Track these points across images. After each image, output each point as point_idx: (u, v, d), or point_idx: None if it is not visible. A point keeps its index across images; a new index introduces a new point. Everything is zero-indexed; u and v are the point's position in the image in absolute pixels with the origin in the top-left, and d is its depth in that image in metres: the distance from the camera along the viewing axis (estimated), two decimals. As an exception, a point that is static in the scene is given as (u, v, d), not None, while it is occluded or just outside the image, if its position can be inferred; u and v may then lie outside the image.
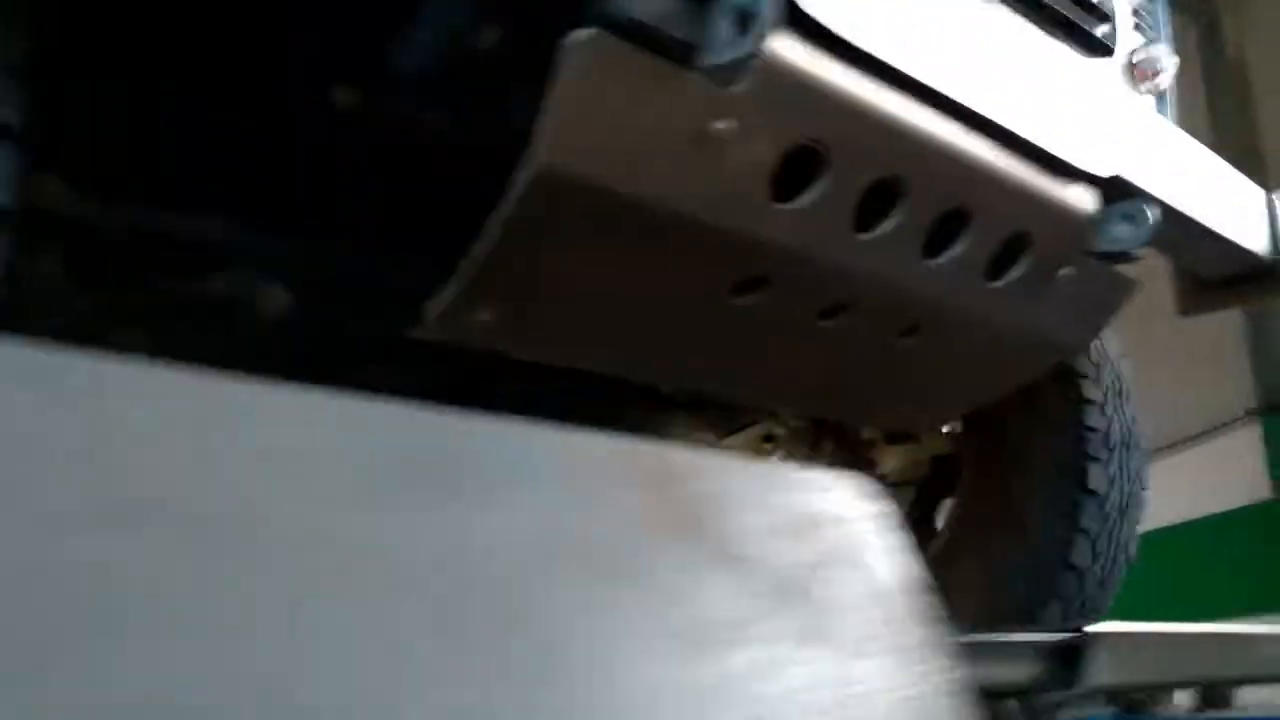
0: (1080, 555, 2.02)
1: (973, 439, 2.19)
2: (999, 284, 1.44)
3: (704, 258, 1.17)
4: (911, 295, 1.35)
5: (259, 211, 1.27)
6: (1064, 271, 1.50)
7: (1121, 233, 1.51)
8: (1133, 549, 2.15)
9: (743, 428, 2.01)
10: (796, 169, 1.18)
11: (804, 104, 1.11)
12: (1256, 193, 1.86)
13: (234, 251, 1.24)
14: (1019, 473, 2.09)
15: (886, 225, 1.25)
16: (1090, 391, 2.05)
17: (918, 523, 2.30)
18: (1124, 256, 1.57)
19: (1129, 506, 2.10)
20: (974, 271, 1.39)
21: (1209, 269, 2.00)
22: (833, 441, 2.19)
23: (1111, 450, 2.06)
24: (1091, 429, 2.03)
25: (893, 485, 2.26)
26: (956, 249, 1.34)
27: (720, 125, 1.06)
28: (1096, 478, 2.02)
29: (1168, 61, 1.81)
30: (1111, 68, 1.65)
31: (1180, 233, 1.71)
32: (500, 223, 1.04)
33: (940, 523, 2.28)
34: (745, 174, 1.11)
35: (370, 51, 1.15)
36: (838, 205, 1.19)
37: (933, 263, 1.33)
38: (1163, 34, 1.82)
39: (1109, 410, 2.08)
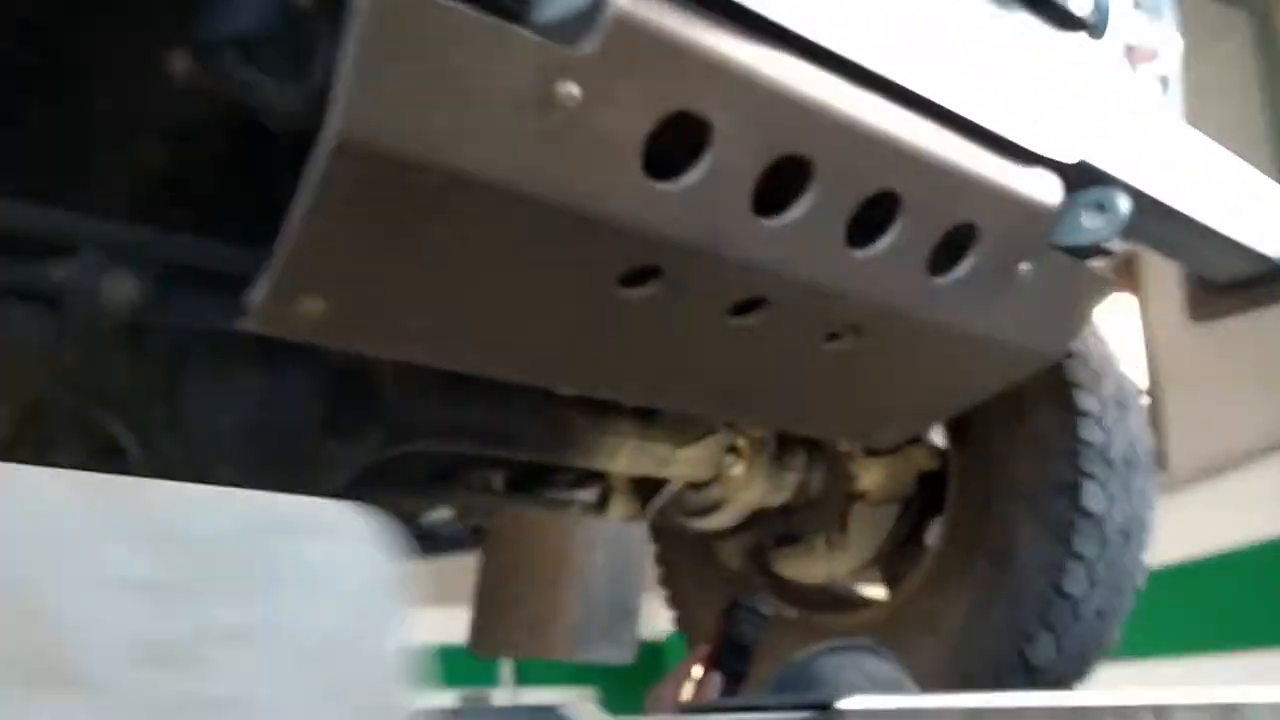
0: (1074, 583, 1.83)
1: (960, 453, 2.01)
2: (945, 281, 1.27)
3: (573, 244, 1.02)
4: (838, 290, 1.19)
5: (104, 196, 1.16)
6: (1025, 268, 1.33)
7: (1090, 224, 1.33)
8: (1140, 577, 1.95)
9: (700, 438, 1.86)
10: (682, 145, 1.03)
11: (676, 69, 0.96)
12: (1276, 189, 1.67)
13: (77, 238, 1.12)
14: (1006, 491, 1.90)
15: (796, 210, 1.10)
16: (1086, 402, 1.86)
17: (903, 544, 2.12)
18: (1096, 251, 1.39)
19: (1133, 530, 1.91)
20: (913, 266, 1.22)
21: (1217, 271, 1.81)
22: (804, 454, 2.02)
23: (1111, 467, 1.87)
24: (1087, 443, 1.84)
25: (875, 503, 2.09)
26: (887, 240, 1.18)
27: (565, 91, 0.91)
28: (1093, 497, 1.83)
29: (1168, 44, 1.62)
30: (1103, 48, 1.47)
31: (1173, 230, 1.53)
32: (303, 201, 0.90)
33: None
34: (609, 149, 0.96)
35: (196, 13, 1.03)
36: (731, 185, 1.04)
37: (860, 254, 1.17)
38: (1166, 14, 1.63)
39: (1108, 423, 1.88)
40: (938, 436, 2.08)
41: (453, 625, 2.51)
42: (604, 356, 1.19)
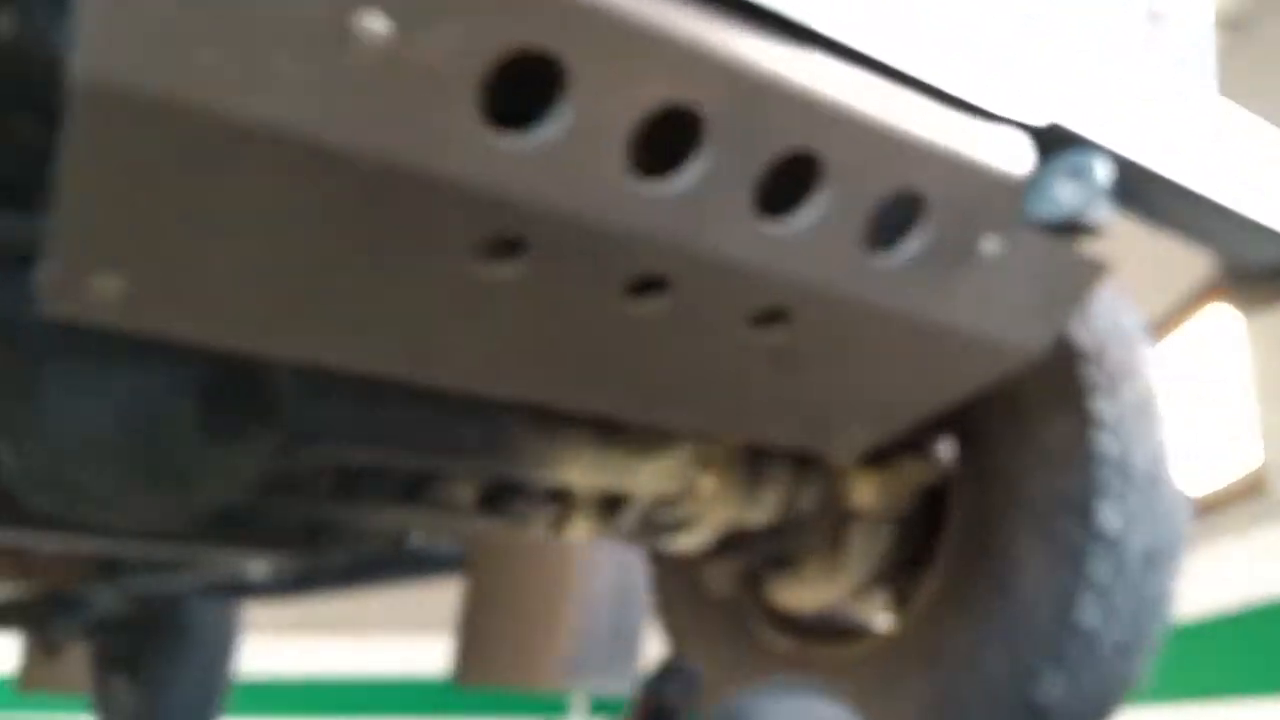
0: (1087, 613, 1.62)
1: (963, 467, 1.81)
2: (888, 260, 1.10)
3: (408, 211, 0.88)
4: (749, 268, 1.02)
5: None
6: (990, 246, 1.15)
7: (1065, 195, 1.15)
8: (1166, 609, 1.73)
9: (665, 448, 1.69)
10: (532, 93, 0.88)
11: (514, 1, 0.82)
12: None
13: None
14: (1010, 509, 1.70)
15: (687, 174, 0.94)
16: (1101, 410, 1.65)
17: (901, 570, 1.92)
18: (1078, 227, 1.20)
19: (1157, 555, 1.69)
20: (842, 241, 1.05)
21: (1250, 257, 1.60)
22: (785, 467, 1.84)
23: (1130, 483, 1.66)
24: (1101, 456, 1.64)
25: (872, 522, 1.89)
26: (808, 210, 1.01)
27: (367, 24, 0.77)
28: (1107, 517, 1.62)
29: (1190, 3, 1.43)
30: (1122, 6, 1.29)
31: (1180, 207, 1.34)
32: (64, 161, 0.77)
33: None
34: (436, 96, 0.82)
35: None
36: (597, 141, 0.89)
37: (774, 226, 1.01)
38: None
39: (1128, 434, 1.67)
40: (940, 448, 1.89)
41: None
42: (469, 345, 1.04)
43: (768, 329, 1.12)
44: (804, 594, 1.97)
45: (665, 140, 0.95)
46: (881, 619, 2.03)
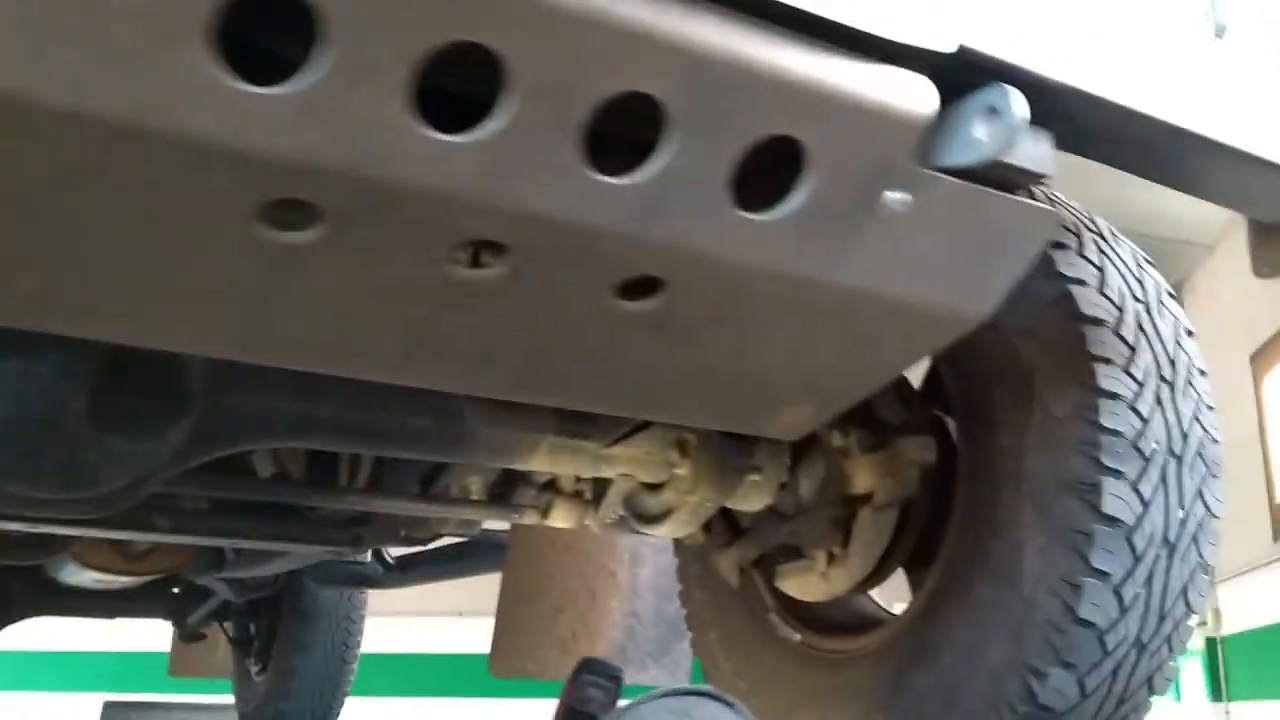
0: (1095, 607, 1.45)
1: (966, 446, 1.65)
2: (769, 217, 0.98)
3: (172, 175, 0.81)
4: (589, 228, 0.92)
5: None
6: (895, 199, 1.02)
7: (982, 136, 1.01)
8: (1196, 601, 1.54)
9: (633, 433, 1.59)
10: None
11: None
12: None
13: None
14: (1012, 492, 1.54)
15: (493, 123, 0.85)
16: (1111, 381, 1.48)
17: (914, 558, 1.78)
18: (1009, 174, 1.06)
19: (1181, 543, 1.51)
20: (705, 196, 0.94)
21: (1261, 206, 1.41)
22: (776, 454, 1.72)
23: (1147, 463, 1.48)
24: (1112, 432, 1.46)
25: (879, 508, 1.75)
26: (659, 160, 0.91)
27: None
28: (1117, 500, 1.45)
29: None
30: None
31: (1151, 145, 1.17)
32: None
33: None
34: (163, 45, 0.75)
35: None
36: (375, 84, 0.80)
37: (616, 183, 0.91)
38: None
39: (1144, 407, 1.49)
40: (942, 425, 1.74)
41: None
42: (274, 319, 0.97)
43: (639, 299, 1.02)
44: (812, 583, 1.85)
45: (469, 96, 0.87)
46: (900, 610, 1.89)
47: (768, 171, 0.99)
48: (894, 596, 1.99)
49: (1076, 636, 1.46)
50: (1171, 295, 1.66)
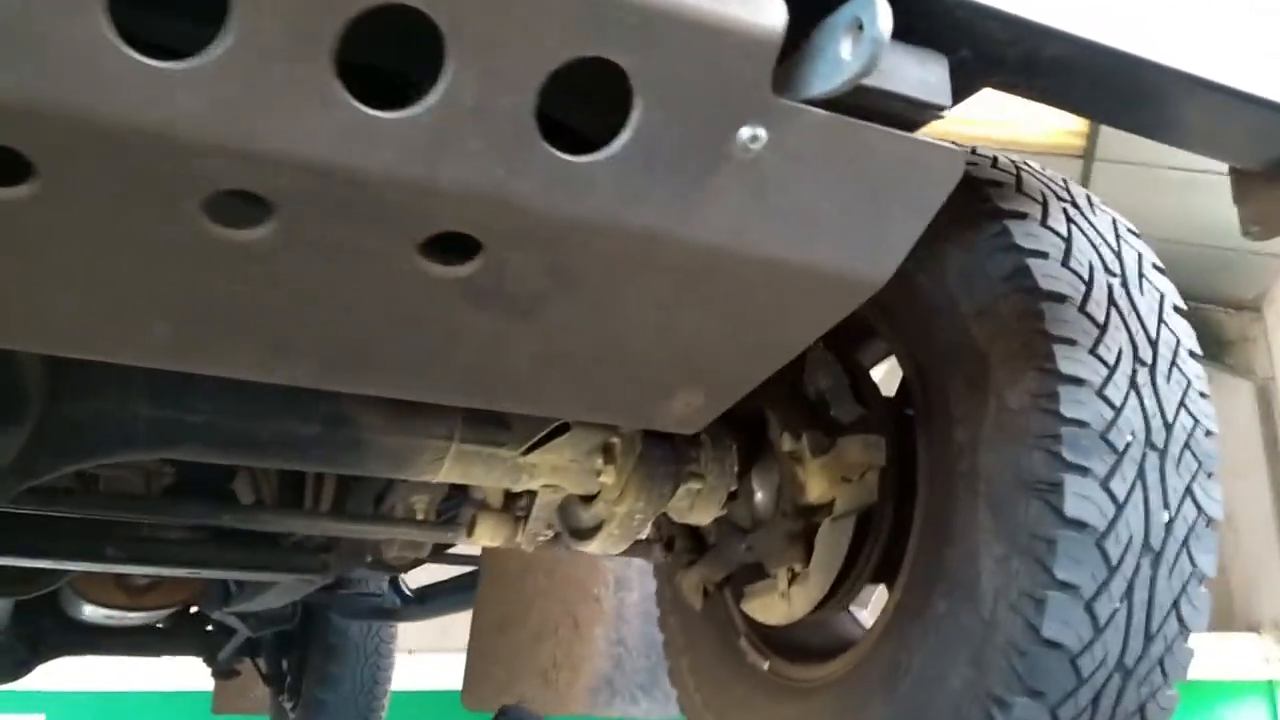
0: (1064, 626, 1.26)
1: (923, 445, 1.48)
2: (594, 158, 0.83)
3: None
4: (372, 175, 0.79)
5: None
6: (751, 136, 0.86)
7: (847, 54, 0.85)
8: (1192, 616, 1.34)
9: (548, 438, 1.44)
10: None
11: None
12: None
13: None
14: (967, 494, 1.36)
15: (219, 41, 0.72)
16: (1072, 363, 1.30)
17: (877, 575, 1.60)
18: (897, 107, 0.90)
19: (1170, 547, 1.31)
20: (509, 132, 0.80)
21: (1245, 149, 1.23)
22: (732, 458, 1.55)
23: (1120, 455, 1.29)
24: (1075, 423, 1.28)
25: (839, 519, 1.58)
26: (438, 89, 0.77)
27: None
28: (1085, 500, 1.26)
29: None
30: None
31: (1125, 81, 1.01)
32: None
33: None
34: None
35: None
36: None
37: (392, 115, 0.77)
38: None
39: (1116, 392, 1.31)
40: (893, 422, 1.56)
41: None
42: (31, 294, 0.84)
43: (454, 263, 0.88)
44: (774, 605, 1.67)
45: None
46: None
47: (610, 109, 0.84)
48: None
49: (1043, 659, 1.27)
50: (1159, 269, 1.48)
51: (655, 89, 0.82)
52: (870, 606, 1.73)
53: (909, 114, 0.92)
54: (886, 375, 1.73)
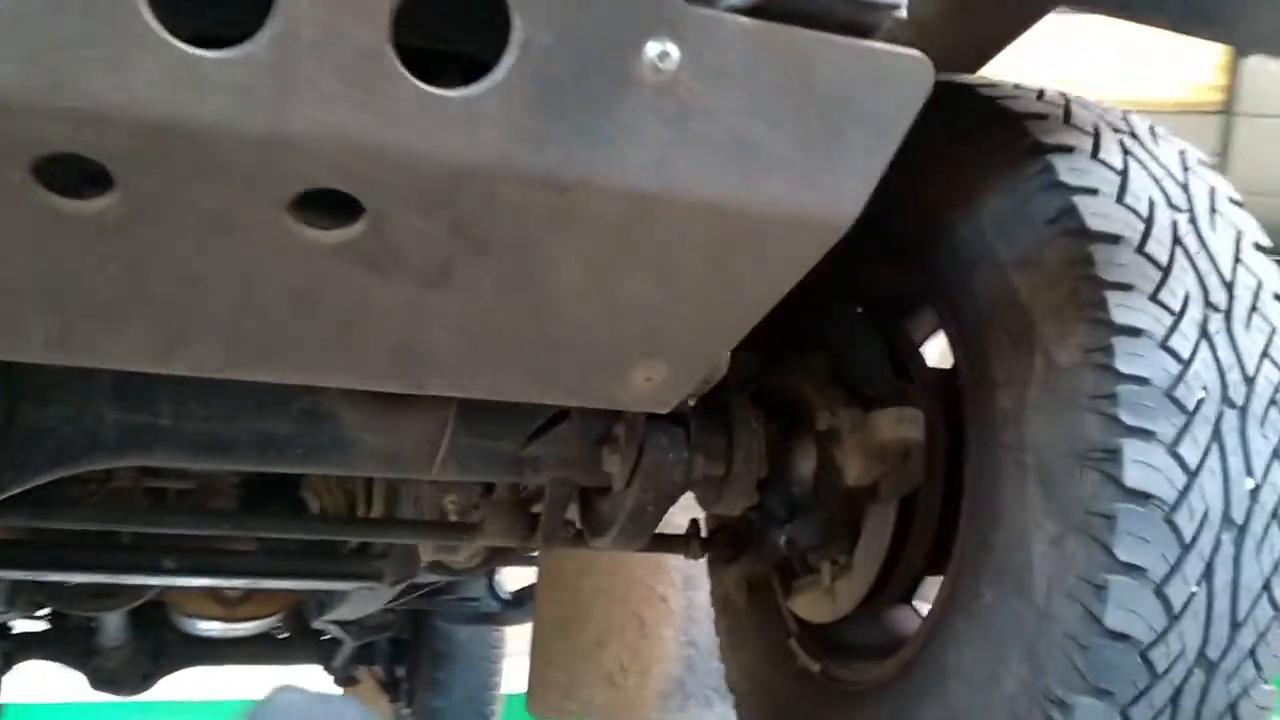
0: (1131, 615, 1.08)
1: (971, 417, 1.30)
2: (474, 91, 0.71)
3: None
4: (210, 127, 0.68)
5: None
6: (657, 52, 0.73)
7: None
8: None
9: (547, 428, 1.32)
10: None
11: None
12: None
13: None
14: (1014, 469, 1.19)
15: None
16: (1129, 311, 1.11)
17: (931, 565, 1.43)
18: (837, 8, 0.75)
19: (1256, 519, 1.12)
20: (363, 66, 0.68)
21: None
22: (758, 441, 1.41)
23: (1191, 415, 1.10)
24: (1133, 378, 1.10)
25: (885, 503, 1.42)
26: (272, 24, 0.66)
27: None
28: (1148, 468, 1.08)
29: None
30: None
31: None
32: None
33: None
34: None
35: None
36: None
37: (219, 55, 0.66)
38: None
39: (1184, 342, 1.12)
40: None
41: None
42: None
43: (336, 225, 0.77)
44: (819, 601, 1.52)
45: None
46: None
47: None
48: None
49: (1107, 653, 1.09)
50: (1236, 202, 1.28)
51: (536, 2, 0.70)
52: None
53: (856, 16, 0.77)
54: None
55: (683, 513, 1.67)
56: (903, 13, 0.78)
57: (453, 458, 1.33)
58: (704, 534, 1.68)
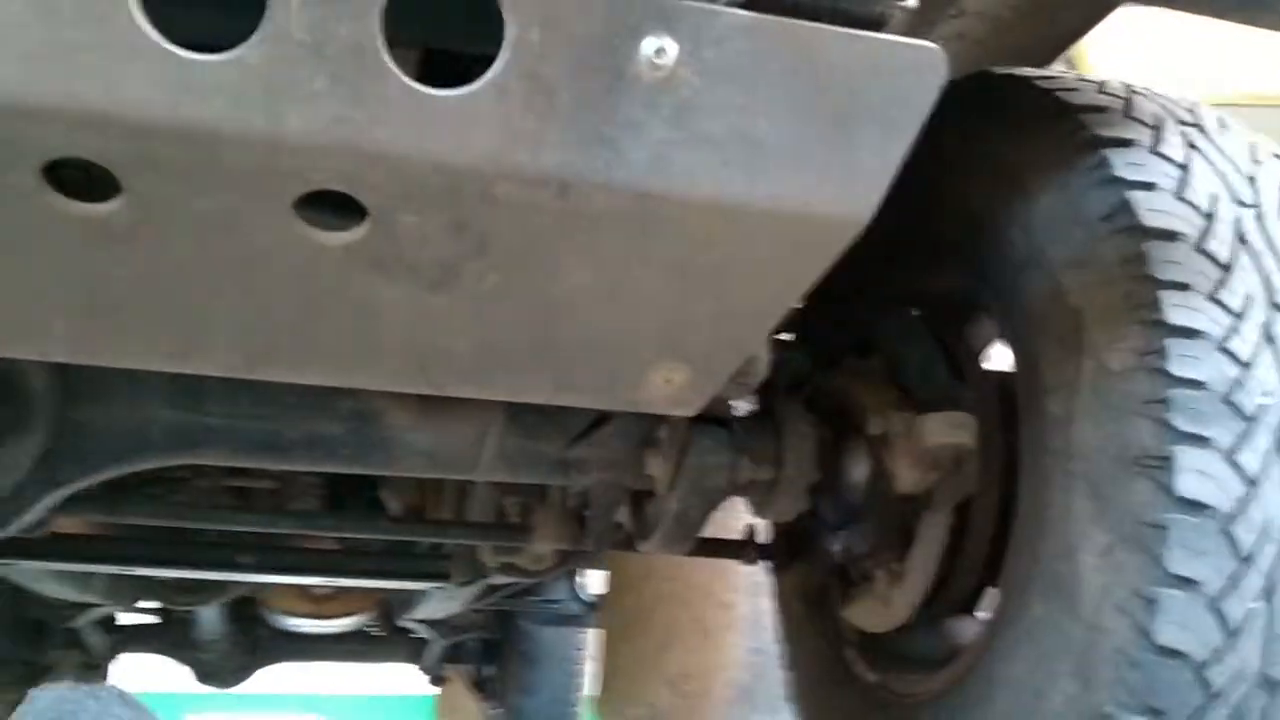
0: (1185, 631, 1.03)
1: (1024, 420, 1.25)
2: (467, 91, 0.71)
3: None
4: (216, 132, 0.70)
5: None
6: (654, 48, 0.72)
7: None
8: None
9: (590, 430, 1.32)
10: None
11: None
12: None
13: None
14: (1061, 476, 1.14)
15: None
16: (1185, 312, 1.06)
17: (979, 570, 1.38)
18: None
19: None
20: (361, 71, 0.69)
21: None
22: (809, 445, 1.39)
23: (1251, 421, 1.05)
24: (1188, 383, 1.05)
25: (940, 509, 1.38)
26: (267, 25, 0.68)
27: None
28: (1202, 477, 1.03)
29: None
30: None
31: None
32: None
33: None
34: None
35: None
36: None
37: (217, 58, 0.68)
38: None
39: (1244, 345, 1.07)
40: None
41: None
42: None
43: (345, 228, 0.78)
44: (874, 610, 1.49)
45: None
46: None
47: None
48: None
49: (1160, 671, 1.04)
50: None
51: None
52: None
53: (860, 8, 0.75)
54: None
55: (745, 518, 1.66)
56: (912, 3, 0.75)
57: (498, 459, 1.34)
58: (762, 540, 1.66)
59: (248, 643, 4.42)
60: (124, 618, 3.96)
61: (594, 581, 3.81)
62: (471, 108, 0.72)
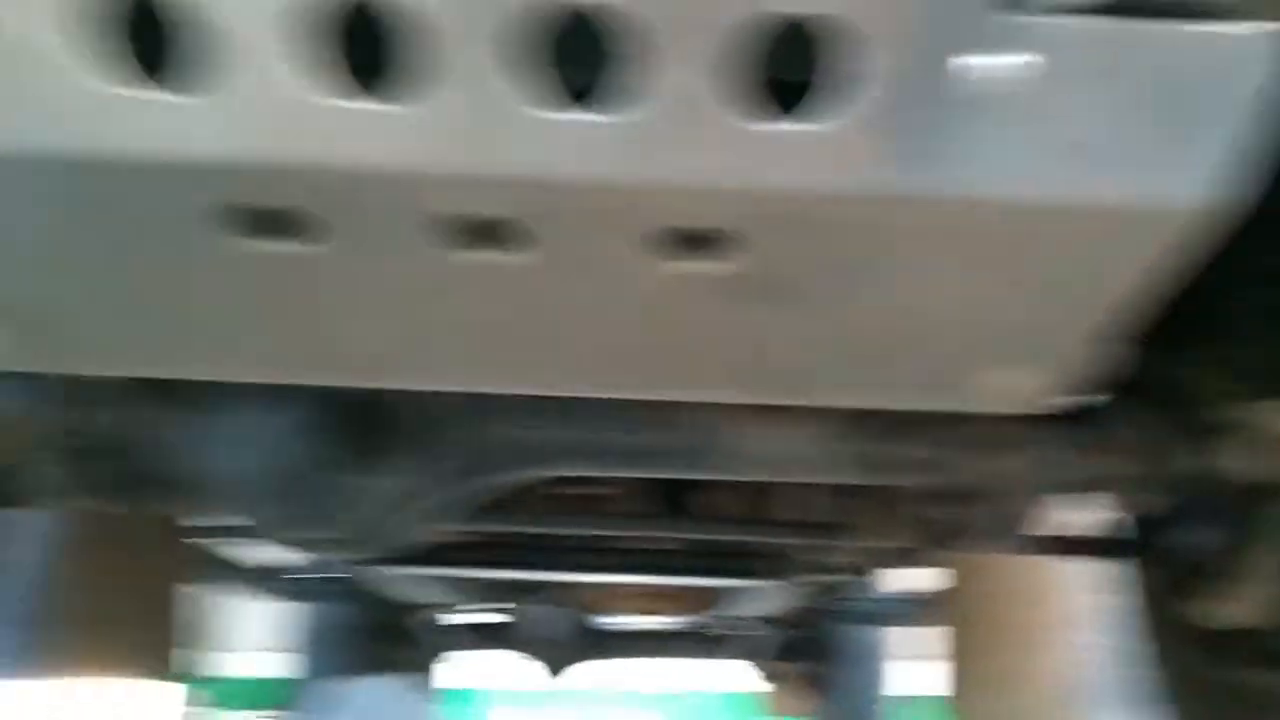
0: None
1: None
2: (818, 126, 0.77)
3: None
4: (605, 187, 0.80)
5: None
6: (987, 65, 0.75)
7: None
8: None
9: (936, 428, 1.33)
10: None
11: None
12: None
13: None
14: None
15: (403, 78, 0.78)
16: None
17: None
18: None
19: None
20: (722, 118, 0.77)
21: None
22: (1146, 427, 1.34)
23: None
24: None
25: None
26: (644, 85, 0.77)
27: None
28: None
29: None
30: None
31: None
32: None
33: None
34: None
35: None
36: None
37: (602, 118, 0.78)
38: None
39: None
40: None
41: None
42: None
43: (700, 258, 0.87)
44: (1227, 606, 1.42)
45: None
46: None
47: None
48: None
49: None
50: None
51: (834, 31, 0.75)
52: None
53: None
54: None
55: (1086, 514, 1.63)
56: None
57: (839, 461, 1.38)
58: (1108, 536, 1.62)
59: (580, 640, 4.68)
60: (451, 617, 4.28)
61: (924, 579, 3.74)
62: (823, 136, 0.78)
